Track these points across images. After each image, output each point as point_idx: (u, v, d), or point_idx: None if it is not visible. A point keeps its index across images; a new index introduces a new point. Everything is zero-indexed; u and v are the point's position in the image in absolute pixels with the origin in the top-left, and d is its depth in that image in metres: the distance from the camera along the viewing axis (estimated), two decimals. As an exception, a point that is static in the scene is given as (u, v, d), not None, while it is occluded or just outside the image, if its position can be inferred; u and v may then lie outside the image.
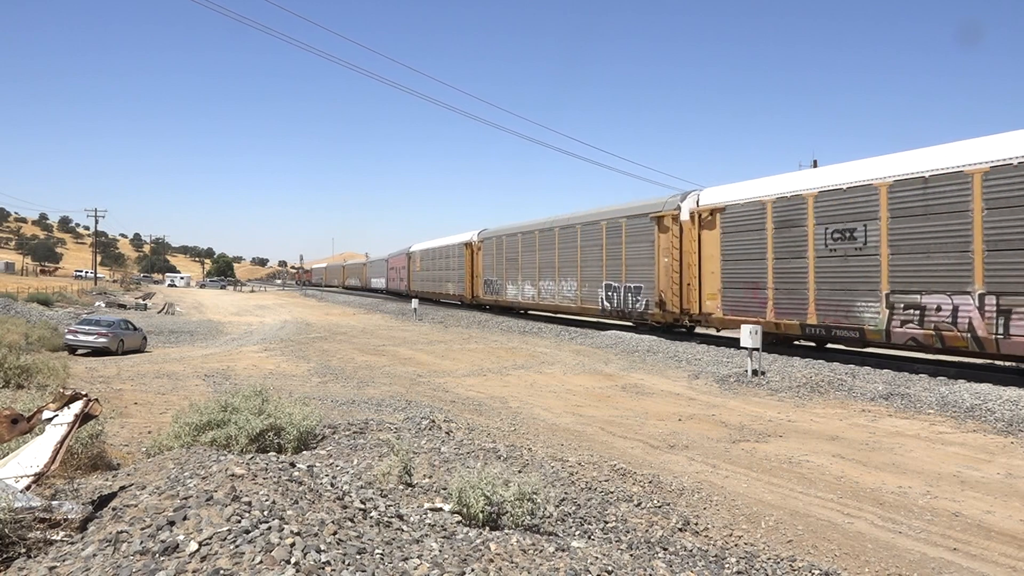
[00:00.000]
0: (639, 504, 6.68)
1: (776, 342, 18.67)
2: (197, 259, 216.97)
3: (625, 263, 24.76)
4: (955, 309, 13.87)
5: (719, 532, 6.26)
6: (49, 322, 27.34)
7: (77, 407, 4.99)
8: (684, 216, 21.75)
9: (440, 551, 3.89)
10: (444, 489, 5.89)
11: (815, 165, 35.16)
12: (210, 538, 3.35)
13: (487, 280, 37.81)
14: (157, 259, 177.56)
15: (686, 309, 21.70)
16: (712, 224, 20.47)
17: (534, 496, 5.18)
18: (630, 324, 25.73)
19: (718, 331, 21.81)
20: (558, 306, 29.86)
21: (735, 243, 19.66)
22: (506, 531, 4.68)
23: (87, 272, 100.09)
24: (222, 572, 3.04)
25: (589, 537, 5.52)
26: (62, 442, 4.79)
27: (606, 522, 6.04)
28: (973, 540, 6.21)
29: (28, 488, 4.43)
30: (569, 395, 13.99)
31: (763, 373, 15.52)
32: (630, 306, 24.40)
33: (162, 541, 3.35)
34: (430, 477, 6.51)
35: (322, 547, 3.40)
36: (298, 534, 3.48)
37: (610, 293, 25.64)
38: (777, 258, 18.16)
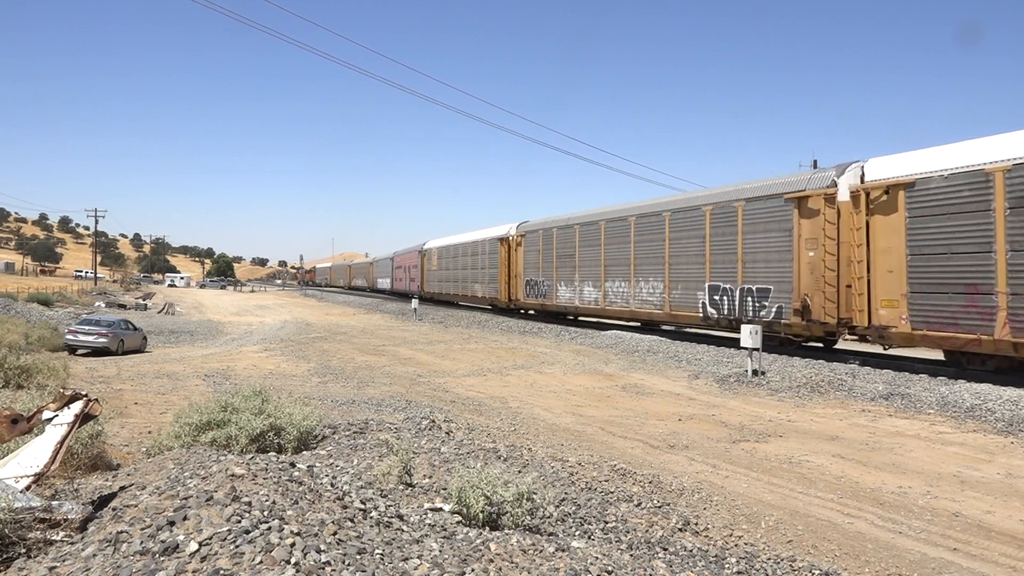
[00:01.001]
0: (639, 504, 6.67)
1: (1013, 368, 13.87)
2: (197, 259, 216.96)
3: (742, 258, 19.48)
4: None
5: (719, 532, 6.26)
6: (49, 322, 27.34)
7: (77, 407, 4.99)
8: (843, 195, 16.68)
9: (440, 551, 3.89)
10: (444, 489, 5.89)
11: (815, 165, 35.02)
12: (210, 538, 3.35)
13: (530, 281, 32.58)
14: (157, 259, 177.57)
15: (845, 319, 16.53)
16: (891, 206, 15.22)
17: (534, 496, 5.18)
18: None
19: (886, 349, 16.57)
20: (634, 312, 24.44)
21: (933, 230, 14.40)
22: (506, 531, 4.68)
23: (87, 272, 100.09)
24: (222, 572, 3.04)
25: (589, 537, 5.51)
26: (62, 442, 4.79)
27: (606, 522, 6.04)
28: (973, 540, 6.21)
29: (28, 488, 4.43)
30: (569, 395, 13.99)
31: (763, 373, 15.52)
32: (750, 313, 19.06)
33: (162, 541, 3.35)
34: (430, 477, 6.51)
35: (322, 547, 3.40)
36: (298, 534, 3.48)
37: (718, 297, 20.38)
38: (1015, 250, 12.92)
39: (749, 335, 15.53)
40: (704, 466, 8.62)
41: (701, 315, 21.10)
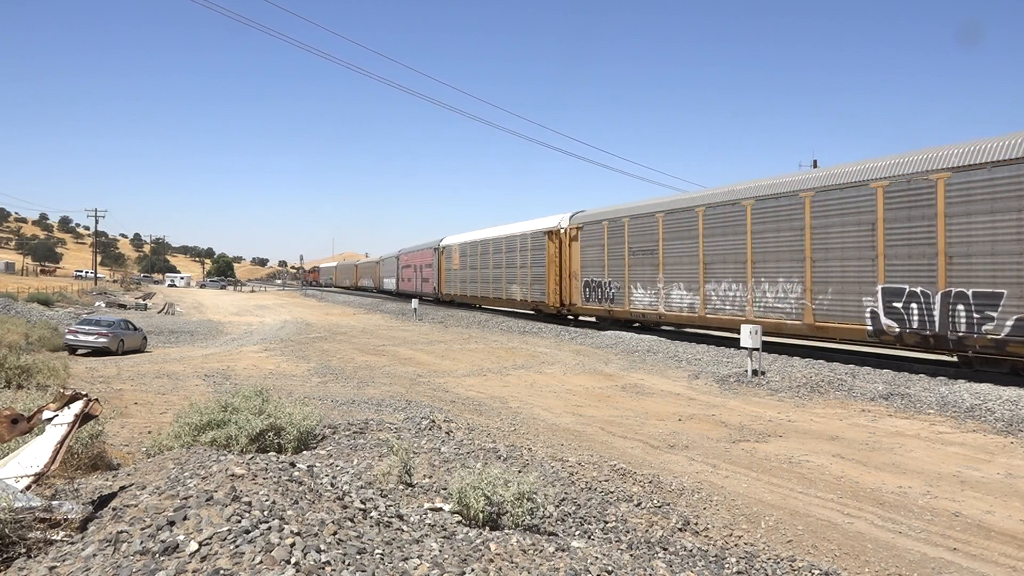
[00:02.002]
0: (639, 504, 6.68)
1: None
2: (197, 259, 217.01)
3: (945, 251, 14.13)
4: None
5: (719, 532, 6.26)
6: (49, 322, 27.35)
7: (77, 407, 5.00)
8: None
9: (440, 551, 3.89)
10: (444, 489, 5.89)
11: (815, 165, 34.89)
12: (210, 538, 3.35)
13: (590, 282, 27.11)
14: (157, 259, 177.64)
15: None
16: None
17: (534, 496, 5.18)
18: (956, 361, 15.47)
19: None
20: (753, 321, 18.22)
21: None
22: (506, 531, 4.68)
23: (87, 272, 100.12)
24: (222, 572, 3.04)
25: (589, 537, 5.52)
26: (62, 442, 4.79)
27: (606, 522, 6.04)
28: (973, 540, 6.21)
29: (28, 488, 4.43)
30: (569, 395, 13.99)
31: (763, 373, 15.52)
32: (962, 326, 13.82)
33: (162, 541, 3.35)
34: (430, 477, 6.51)
35: (322, 547, 3.40)
36: (298, 534, 3.48)
37: (901, 304, 15.13)
38: None
39: (749, 335, 15.53)
40: (704, 466, 8.62)
41: (869, 328, 15.79)
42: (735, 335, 17.96)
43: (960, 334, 13.89)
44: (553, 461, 8.01)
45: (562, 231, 29.46)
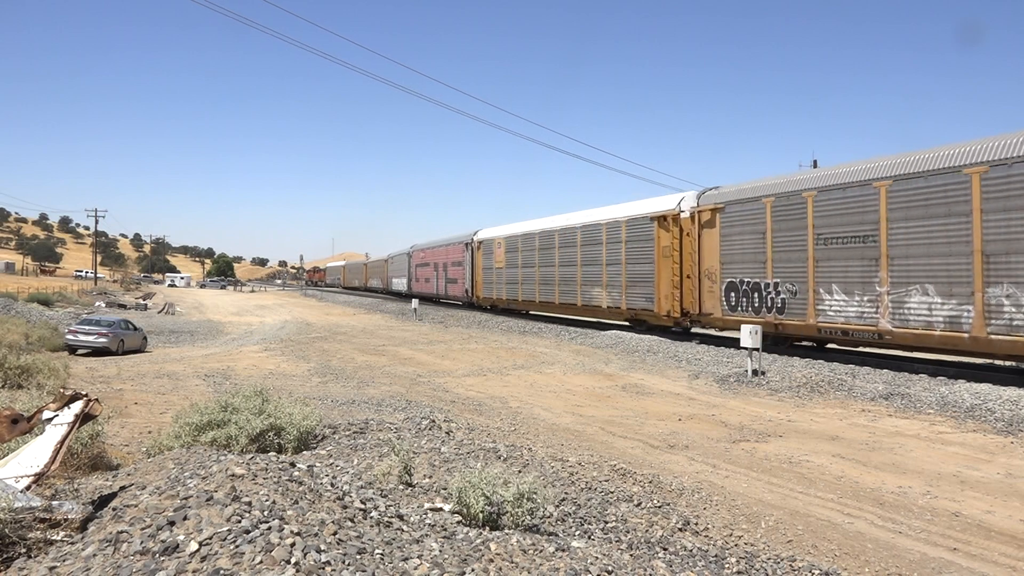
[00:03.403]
0: (639, 504, 6.68)
1: None
2: (197, 259, 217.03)
3: None
4: None
5: (719, 532, 6.26)
6: (49, 322, 27.35)
7: (77, 407, 5.00)
8: None
9: (440, 551, 3.89)
10: (444, 489, 5.89)
11: (815, 165, 34.46)
12: (210, 538, 3.35)
13: (739, 283, 19.59)
14: (157, 259, 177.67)
15: None
16: None
17: (534, 496, 5.18)
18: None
19: None
20: None
21: None
22: (506, 531, 4.68)
23: (87, 272, 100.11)
24: (222, 572, 3.04)
25: (589, 537, 5.52)
26: (62, 442, 4.79)
27: (606, 522, 6.04)
28: (973, 540, 6.21)
29: (28, 488, 4.43)
30: (569, 395, 13.99)
31: (763, 373, 15.52)
32: None
33: (162, 541, 3.35)
34: (430, 477, 6.51)
35: (322, 547, 3.40)
36: (298, 534, 3.48)
37: None
38: None
39: (749, 335, 15.53)
40: (704, 466, 8.62)
41: None
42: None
43: None
44: (553, 461, 8.01)
45: (683, 215, 21.88)
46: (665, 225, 22.63)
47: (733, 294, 19.94)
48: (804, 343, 18.95)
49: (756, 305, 19.09)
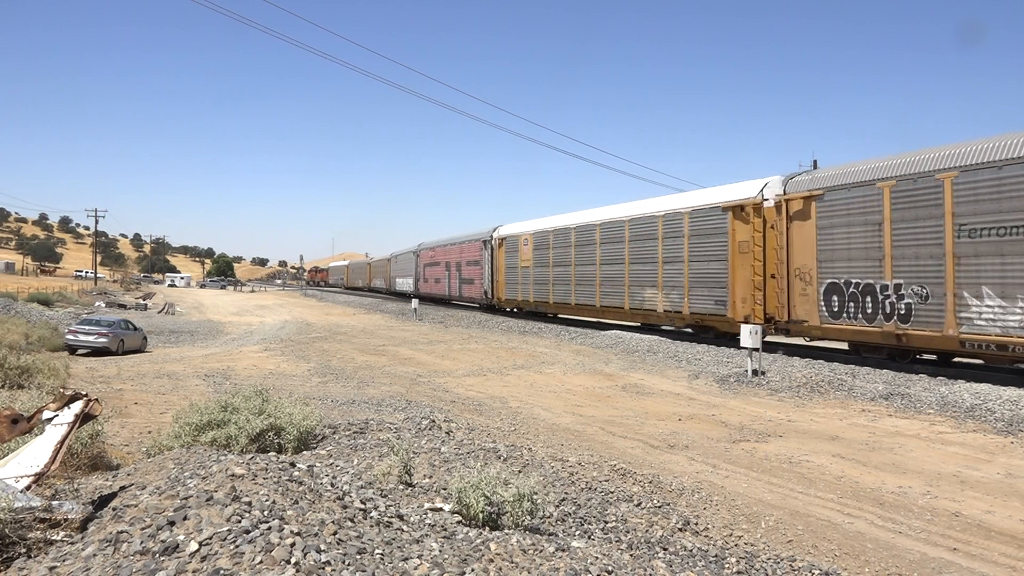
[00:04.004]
0: (639, 504, 6.68)
1: None
2: (197, 259, 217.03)
3: None
4: None
5: (719, 532, 6.26)
6: (49, 322, 27.35)
7: (77, 407, 4.99)
8: None
9: (440, 551, 3.88)
10: (444, 489, 5.89)
11: (815, 165, 34.21)
12: (210, 538, 3.35)
13: (844, 285, 16.36)
14: (157, 259, 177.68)
15: None
16: None
17: (534, 496, 5.18)
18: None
19: None
20: None
21: None
22: (506, 531, 4.68)
23: (87, 272, 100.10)
24: (222, 572, 3.04)
25: (589, 537, 5.51)
26: (62, 442, 4.79)
27: (606, 522, 6.04)
28: (973, 540, 6.21)
29: (28, 488, 4.43)
30: (569, 395, 13.99)
31: (763, 373, 15.52)
32: None
33: (162, 541, 3.35)
34: (430, 477, 6.51)
35: (322, 547, 3.40)
36: (298, 534, 3.48)
37: None
38: None
39: (749, 334, 15.53)
40: (704, 466, 8.62)
41: None
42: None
43: None
44: (553, 461, 8.01)
45: (767, 204, 18.72)
46: (743, 216, 19.24)
47: (836, 298, 16.53)
48: (946, 356, 15.41)
49: (869, 311, 15.76)
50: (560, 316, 31.47)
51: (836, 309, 16.62)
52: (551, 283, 29.69)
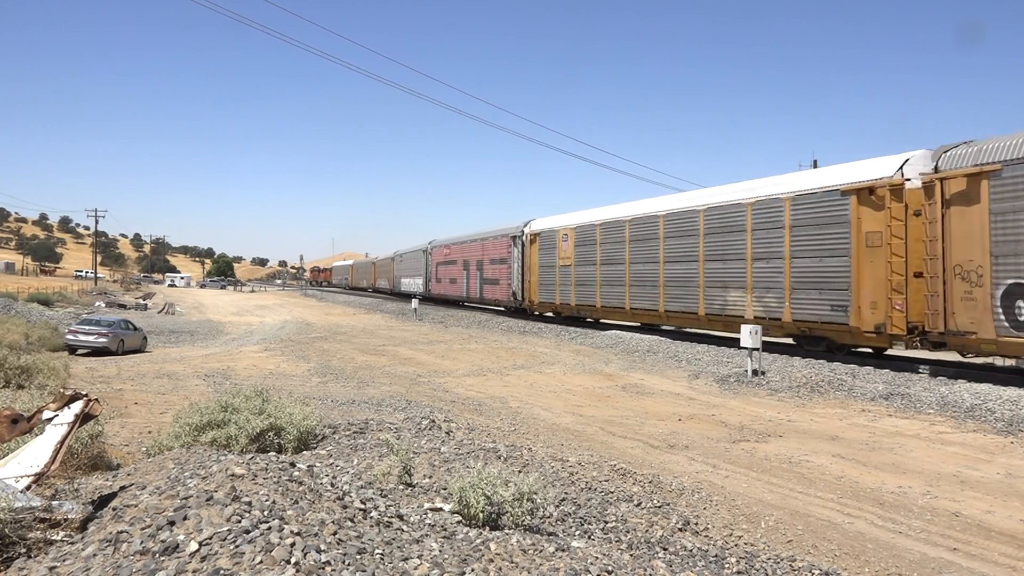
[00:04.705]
0: (639, 504, 6.67)
1: None
2: (197, 259, 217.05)
3: None
4: None
5: (719, 532, 6.26)
6: (49, 322, 27.35)
7: (77, 407, 4.99)
8: None
9: (440, 551, 3.88)
10: (444, 489, 5.89)
11: (815, 165, 33.91)
12: (210, 538, 3.35)
13: None
14: (157, 259, 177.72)
15: None
16: None
17: (534, 496, 5.17)
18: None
19: None
20: None
21: None
22: (506, 531, 4.68)
23: (87, 272, 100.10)
24: (222, 572, 3.04)
25: (589, 537, 5.51)
26: (62, 442, 4.79)
27: (606, 522, 6.04)
28: (973, 540, 6.21)
29: (28, 488, 4.43)
30: (569, 395, 13.99)
31: (763, 373, 15.51)
32: None
33: (162, 541, 3.35)
34: (430, 477, 6.51)
35: (322, 547, 3.40)
36: (298, 534, 3.48)
37: None
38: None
39: (749, 335, 15.52)
40: (704, 466, 8.62)
41: None
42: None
43: None
44: (553, 461, 8.01)
45: (909, 186, 15.19)
46: (872, 201, 15.73)
47: (1022, 303, 13.07)
48: None
49: None
50: (607, 322, 27.58)
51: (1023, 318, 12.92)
52: (598, 284, 26.23)
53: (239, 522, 3.53)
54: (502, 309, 36.29)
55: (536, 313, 32.20)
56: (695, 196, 22.45)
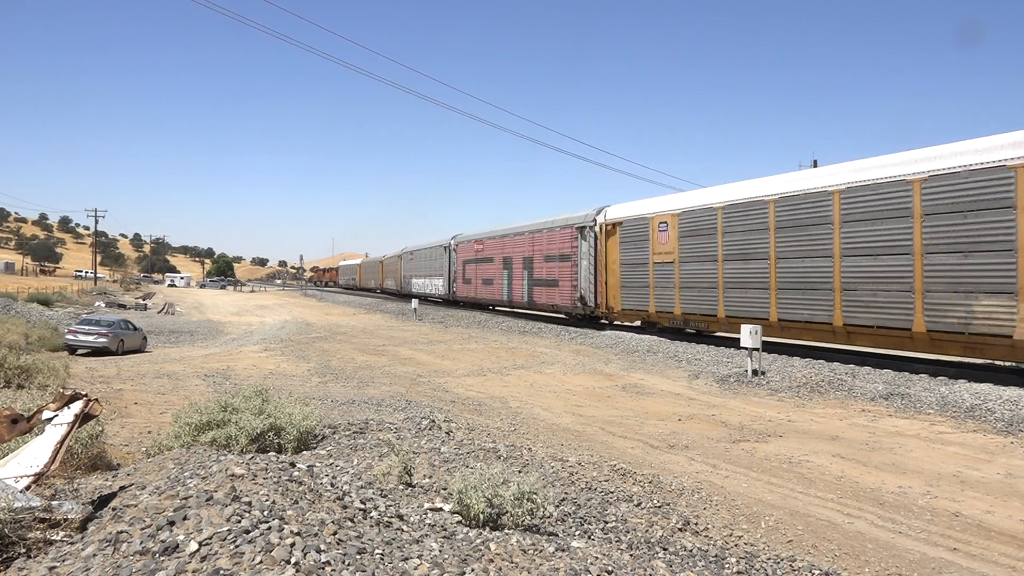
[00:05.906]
0: (639, 504, 6.67)
1: None
2: (197, 259, 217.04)
3: None
4: None
5: (719, 532, 6.26)
6: (49, 322, 27.34)
7: (77, 407, 4.99)
8: None
9: (440, 551, 3.88)
10: (444, 489, 5.89)
11: (815, 165, 33.85)
12: (210, 538, 3.35)
13: None
14: (157, 259, 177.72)
15: None
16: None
17: (534, 496, 5.17)
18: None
19: None
20: None
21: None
22: (506, 531, 4.68)
23: (87, 272, 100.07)
24: (222, 572, 3.04)
25: (589, 537, 5.51)
26: (62, 442, 4.79)
27: (606, 522, 6.04)
28: (973, 540, 6.21)
29: (28, 488, 4.43)
30: (569, 395, 13.98)
31: (763, 373, 15.51)
32: None
33: (162, 541, 3.35)
34: (430, 477, 6.51)
35: (322, 547, 3.40)
36: (298, 534, 3.48)
37: None
38: None
39: (749, 335, 15.52)
40: (704, 466, 8.62)
41: None
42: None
43: None
44: (553, 461, 8.00)
45: None
46: None
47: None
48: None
49: None
50: (732, 337, 18.99)
51: None
52: (719, 287, 20.06)
53: (239, 522, 3.53)
54: (563, 317, 29.51)
55: (616, 323, 25.92)
56: (893, 161, 15.38)
